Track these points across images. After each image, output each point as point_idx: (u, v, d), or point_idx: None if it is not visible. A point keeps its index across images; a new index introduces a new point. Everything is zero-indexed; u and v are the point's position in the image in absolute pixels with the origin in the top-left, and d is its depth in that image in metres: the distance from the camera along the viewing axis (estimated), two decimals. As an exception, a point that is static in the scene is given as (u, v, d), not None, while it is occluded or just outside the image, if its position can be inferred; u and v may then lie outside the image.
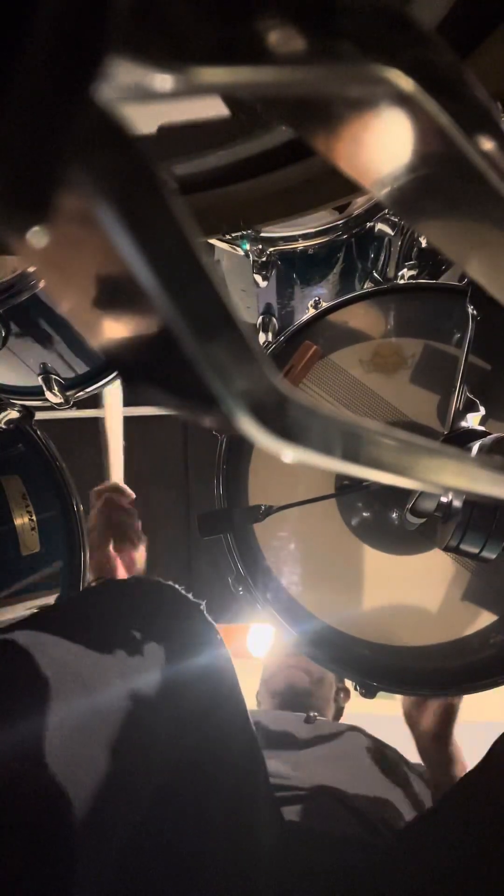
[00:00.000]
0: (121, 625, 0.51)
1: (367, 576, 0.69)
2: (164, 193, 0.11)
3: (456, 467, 0.18)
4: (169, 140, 0.41)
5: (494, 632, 0.66)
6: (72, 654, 0.45)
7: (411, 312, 0.72)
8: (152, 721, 0.45)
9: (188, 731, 0.49)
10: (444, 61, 0.15)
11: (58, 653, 0.44)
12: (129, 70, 0.11)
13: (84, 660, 0.45)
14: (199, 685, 0.53)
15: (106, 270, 0.12)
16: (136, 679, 0.46)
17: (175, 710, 0.48)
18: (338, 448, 0.15)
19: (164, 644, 0.51)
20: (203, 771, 0.49)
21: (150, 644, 0.50)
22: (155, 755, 0.45)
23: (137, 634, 0.50)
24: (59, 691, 0.41)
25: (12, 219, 0.10)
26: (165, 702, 0.47)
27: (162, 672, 0.49)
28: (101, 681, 0.44)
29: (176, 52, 0.12)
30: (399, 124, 0.16)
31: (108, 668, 0.46)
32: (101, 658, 0.46)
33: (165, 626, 0.54)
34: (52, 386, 0.96)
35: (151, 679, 0.47)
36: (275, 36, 0.13)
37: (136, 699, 0.45)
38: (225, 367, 0.12)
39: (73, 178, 0.10)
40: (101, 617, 0.53)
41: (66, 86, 0.09)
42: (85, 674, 0.43)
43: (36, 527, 0.80)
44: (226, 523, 0.70)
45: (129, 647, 0.48)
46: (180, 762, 0.47)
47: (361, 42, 0.14)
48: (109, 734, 0.41)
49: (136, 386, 0.15)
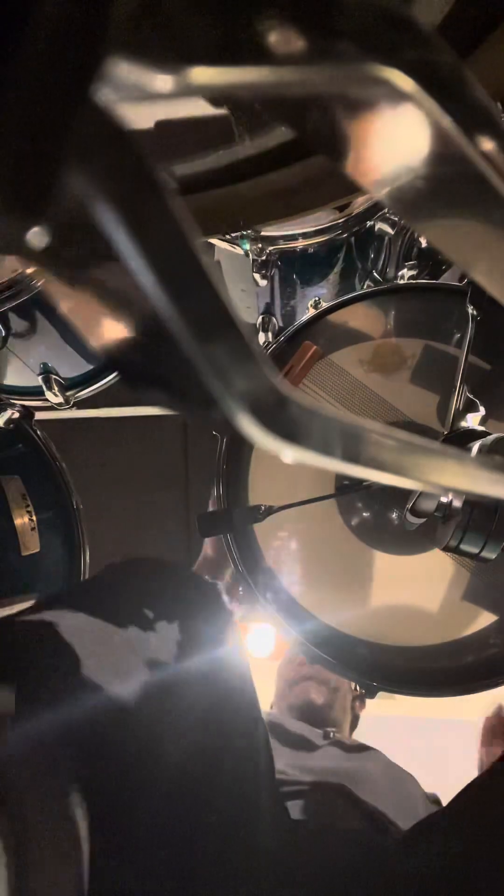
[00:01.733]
0: (140, 605, 0.53)
1: (366, 576, 0.69)
2: (163, 194, 0.11)
3: (456, 467, 0.18)
4: (169, 140, 0.41)
5: (494, 632, 0.66)
6: (95, 631, 0.48)
7: (411, 312, 0.72)
8: (167, 702, 0.46)
9: (197, 717, 0.50)
10: (445, 61, 0.15)
11: (84, 624, 0.47)
12: (129, 70, 0.11)
13: (106, 639, 0.47)
14: (210, 671, 0.53)
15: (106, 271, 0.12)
16: (154, 660, 0.48)
17: (186, 695, 0.49)
18: (338, 448, 0.15)
19: (180, 626, 0.52)
20: (209, 756, 0.49)
21: (167, 626, 0.51)
22: (166, 737, 0.46)
23: (155, 616, 0.52)
24: (91, 665, 0.43)
25: (12, 219, 0.10)
26: (178, 685, 0.49)
27: (176, 654, 0.50)
28: (123, 659, 0.46)
29: (175, 52, 0.12)
30: (399, 124, 0.15)
31: (128, 649, 0.48)
32: (120, 637, 0.48)
33: (182, 609, 0.55)
34: (52, 386, 0.97)
35: (166, 661, 0.49)
36: (274, 36, 0.13)
37: (153, 680, 0.46)
38: (225, 367, 0.12)
39: (72, 179, 0.10)
40: (122, 596, 0.54)
41: (65, 86, 0.09)
42: (113, 650, 0.46)
43: (36, 527, 0.79)
44: (226, 523, 0.70)
45: (147, 628, 0.50)
46: (188, 747, 0.48)
47: (361, 42, 0.14)
48: (130, 710, 0.43)
49: (137, 386, 0.15)
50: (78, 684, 0.43)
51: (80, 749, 0.40)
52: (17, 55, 0.09)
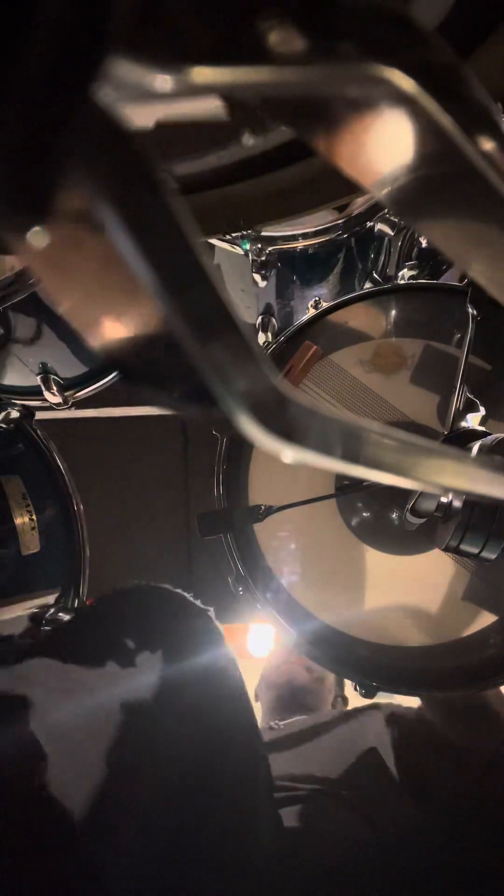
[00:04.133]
0: (129, 631, 0.52)
1: (366, 576, 0.69)
2: (164, 193, 0.11)
3: (456, 467, 0.18)
4: (169, 140, 0.41)
5: (494, 632, 0.66)
6: (79, 663, 0.48)
7: (411, 313, 0.72)
8: (157, 723, 0.46)
9: (190, 734, 0.49)
10: (445, 61, 0.15)
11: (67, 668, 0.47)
12: (130, 70, 0.11)
13: (90, 670, 0.47)
14: (204, 688, 0.53)
15: (106, 271, 0.12)
16: (141, 682, 0.48)
17: (178, 713, 0.49)
18: (337, 448, 0.15)
19: (171, 648, 0.52)
20: (203, 773, 0.49)
21: (157, 650, 0.51)
22: (158, 758, 0.46)
23: (144, 641, 0.51)
24: (66, 697, 0.43)
25: (12, 219, 0.10)
26: (170, 704, 0.48)
27: (167, 675, 0.50)
28: (106, 686, 0.46)
29: (176, 52, 0.12)
30: (399, 124, 0.15)
31: (114, 674, 0.48)
32: (107, 665, 0.48)
33: (173, 632, 0.55)
34: (50, 386, 0.97)
35: (157, 682, 0.49)
36: (275, 36, 0.13)
37: (141, 702, 0.46)
38: (225, 367, 0.12)
39: (73, 179, 0.10)
40: (111, 625, 0.54)
41: (66, 86, 0.09)
42: (90, 682, 0.46)
43: (36, 526, 0.79)
44: (226, 523, 0.70)
45: (135, 653, 0.50)
46: (181, 765, 0.48)
47: (361, 42, 0.14)
48: (112, 737, 0.43)
49: (137, 386, 0.15)
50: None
51: (70, 759, 0.40)
52: (20, 55, 0.09)
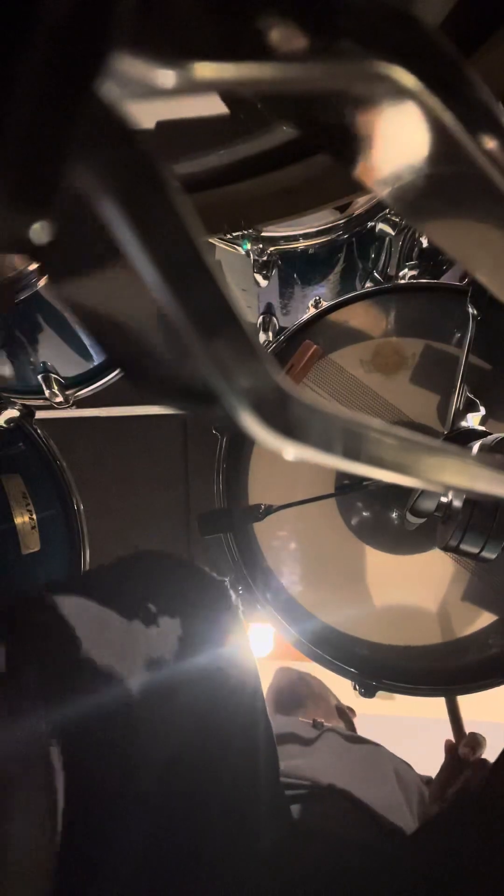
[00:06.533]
0: (149, 598, 0.52)
1: (366, 576, 0.69)
2: (168, 190, 0.11)
3: (457, 465, 0.18)
4: (170, 139, 0.41)
5: (494, 632, 0.66)
6: (105, 622, 0.47)
7: (412, 312, 0.72)
8: (167, 699, 0.46)
9: (197, 714, 0.49)
10: (448, 59, 0.15)
11: (98, 613, 0.47)
12: (133, 65, 0.11)
13: (116, 626, 0.47)
14: (212, 670, 0.53)
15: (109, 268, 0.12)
16: (159, 651, 0.48)
17: (187, 692, 0.49)
18: (339, 445, 0.15)
19: (186, 622, 0.52)
20: (207, 755, 0.49)
21: (172, 622, 0.51)
22: (166, 735, 0.46)
23: (161, 611, 0.51)
24: (92, 653, 0.43)
25: (15, 214, 0.10)
26: (180, 682, 0.49)
27: (180, 650, 0.50)
28: (127, 652, 0.46)
29: (179, 47, 0.12)
30: (402, 122, 0.15)
31: (136, 638, 0.48)
32: (130, 626, 0.48)
33: (191, 605, 0.55)
34: (51, 385, 0.96)
35: (170, 657, 0.49)
36: (277, 33, 0.13)
37: (155, 677, 0.46)
38: (227, 364, 0.12)
39: (76, 175, 0.10)
40: (133, 588, 0.54)
41: (70, 81, 0.09)
42: (115, 640, 0.46)
43: (36, 526, 0.79)
44: (226, 523, 0.70)
45: (151, 623, 0.50)
46: (187, 744, 0.48)
47: (364, 39, 0.14)
48: (136, 699, 0.43)
49: (138, 384, 0.15)
50: (75, 673, 0.42)
51: (74, 744, 0.40)
52: (23, 50, 0.09)
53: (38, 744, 0.38)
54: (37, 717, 0.39)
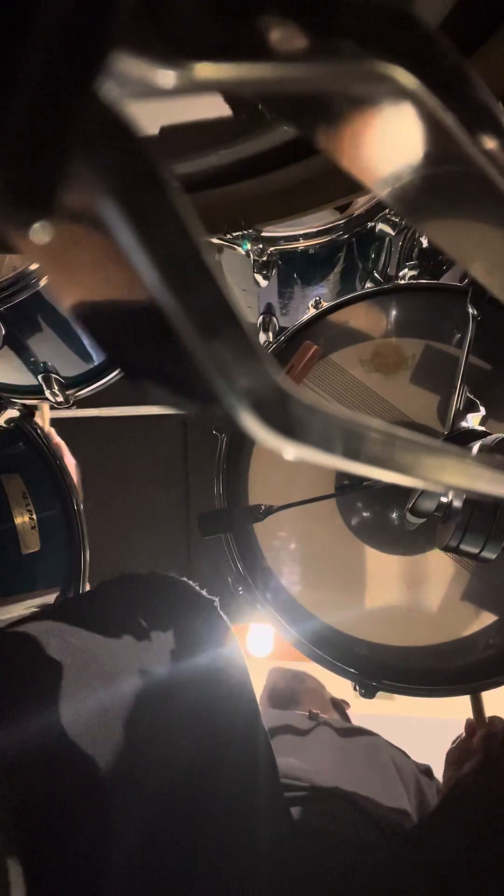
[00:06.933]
0: (135, 616, 0.53)
1: (366, 576, 0.69)
2: (168, 190, 0.11)
3: (457, 465, 0.18)
4: (170, 139, 0.41)
5: (494, 632, 0.66)
6: (89, 641, 0.47)
7: (412, 312, 0.72)
8: (163, 708, 0.47)
9: (193, 723, 0.50)
10: (448, 59, 0.15)
11: (76, 640, 0.47)
12: (133, 65, 0.11)
13: (101, 647, 0.47)
14: (207, 678, 0.53)
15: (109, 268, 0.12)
16: (149, 667, 0.48)
17: (182, 701, 0.49)
18: (339, 445, 0.15)
19: (176, 636, 0.52)
20: (206, 761, 0.49)
21: (162, 636, 0.51)
22: (163, 743, 0.46)
23: (150, 626, 0.52)
24: (80, 675, 0.43)
25: (15, 214, 0.10)
26: (174, 692, 0.48)
27: (172, 663, 0.50)
28: (118, 666, 0.46)
29: (179, 47, 0.12)
30: (402, 122, 0.15)
31: (123, 655, 0.47)
32: (116, 645, 0.48)
33: (177, 620, 0.55)
34: (51, 385, 0.97)
35: (162, 669, 0.49)
36: (277, 33, 0.13)
37: (150, 687, 0.46)
38: (228, 364, 0.12)
39: (76, 174, 0.10)
40: (117, 608, 0.54)
41: (70, 81, 0.09)
42: (102, 659, 0.46)
43: (36, 525, 0.79)
44: (226, 523, 0.70)
45: (142, 637, 0.50)
46: (185, 753, 0.48)
47: (364, 39, 0.14)
48: (126, 716, 0.43)
49: (140, 384, 0.15)
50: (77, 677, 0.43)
51: (74, 744, 0.40)
52: (24, 50, 0.09)
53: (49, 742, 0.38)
54: (37, 717, 0.39)
